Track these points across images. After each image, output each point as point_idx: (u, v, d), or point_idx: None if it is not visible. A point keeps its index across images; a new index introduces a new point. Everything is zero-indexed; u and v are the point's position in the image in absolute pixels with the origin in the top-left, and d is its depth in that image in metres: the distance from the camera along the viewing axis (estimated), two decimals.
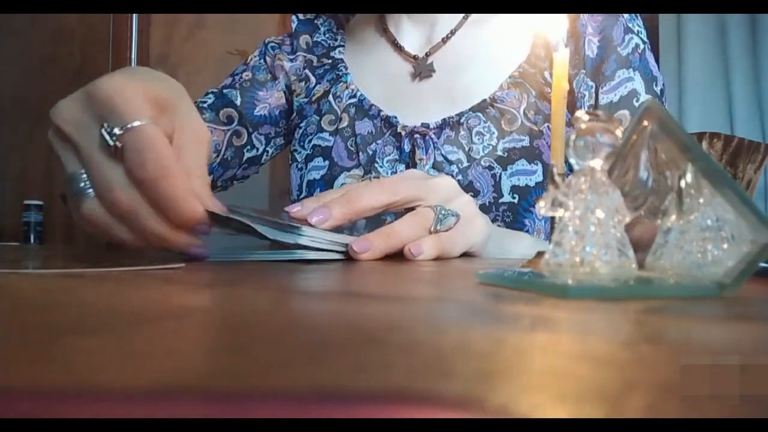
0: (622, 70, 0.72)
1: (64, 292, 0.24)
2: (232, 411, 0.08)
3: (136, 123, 0.37)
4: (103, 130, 0.38)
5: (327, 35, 0.86)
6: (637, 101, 0.71)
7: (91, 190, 0.39)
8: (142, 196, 0.38)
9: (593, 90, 0.73)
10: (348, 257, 0.46)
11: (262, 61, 0.86)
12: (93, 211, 0.39)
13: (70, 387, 0.10)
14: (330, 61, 0.83)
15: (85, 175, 0.39)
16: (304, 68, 0.84)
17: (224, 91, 0.83)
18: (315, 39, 0.86)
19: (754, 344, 0.15)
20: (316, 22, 0.87)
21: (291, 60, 0.85)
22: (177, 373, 0.11)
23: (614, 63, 0.72)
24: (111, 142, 0.37)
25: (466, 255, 0.53)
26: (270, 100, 0.84)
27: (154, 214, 0.38)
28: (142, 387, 0.10)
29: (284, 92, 0.85)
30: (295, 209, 0.47)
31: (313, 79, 0.83)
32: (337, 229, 0.47)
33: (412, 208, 0.51)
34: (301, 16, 0.88)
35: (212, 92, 0.83)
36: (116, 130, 0.37)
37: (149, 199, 0.38)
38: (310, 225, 0.45)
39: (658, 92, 0.73)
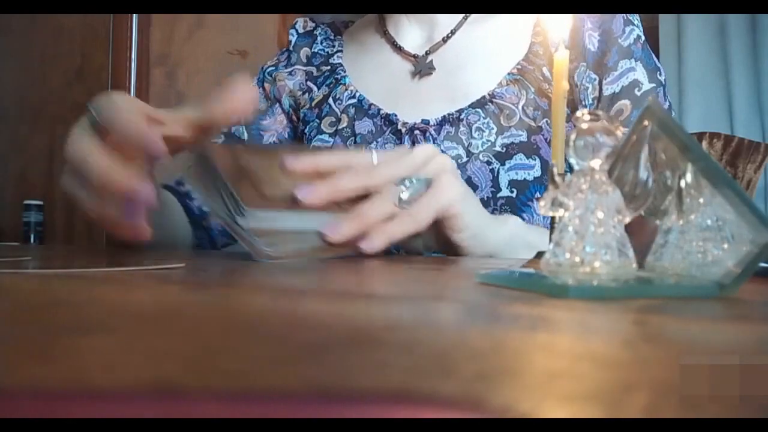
0: (624, 61, 0.72)
1: (64, 292, 0.24)
2: (232, 411, 0.08)
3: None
4: (90, 106, 0.44)
5: (324, 44, 0.87)
6: (638, 91, 0.71)
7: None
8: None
9: (597, 83, 0.73)
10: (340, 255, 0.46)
11: (260, 89, 0.86)
12: (64, 181, 0.46)
13: (70, 387, 0.10)
14: (329, 67, 0.84)
15: None
16: (307, 81, 0.85)
17: (232, 129, 0.84)
18: (314, 50, 0.87)
19: (754, 344, 0.15)
20: (315, 32, 0.88)
21: (290, 74, 0.86)
22: (177, 373, 0.11)
23: (616, 54, 0.72)
24: (94, 114, 0.44)
25: (460, 254, 0.52)
26: (275, 126, 0.85)
27: (105, 158, 0.43)
28: (142, 387, 0.10)
29: (288, 113, 0.85)
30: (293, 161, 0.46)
31: (315, 89, 0.84)
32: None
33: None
34: (300, 29, 0.88)
35: (222, 133, 0.84)
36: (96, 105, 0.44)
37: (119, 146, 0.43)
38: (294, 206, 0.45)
39: (663, 81, 0.73)
